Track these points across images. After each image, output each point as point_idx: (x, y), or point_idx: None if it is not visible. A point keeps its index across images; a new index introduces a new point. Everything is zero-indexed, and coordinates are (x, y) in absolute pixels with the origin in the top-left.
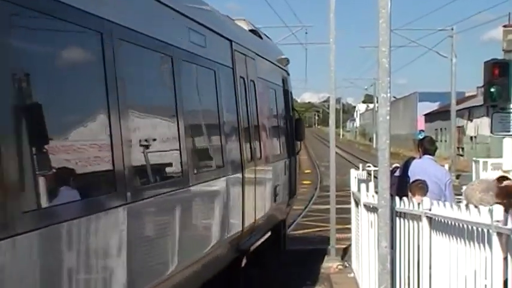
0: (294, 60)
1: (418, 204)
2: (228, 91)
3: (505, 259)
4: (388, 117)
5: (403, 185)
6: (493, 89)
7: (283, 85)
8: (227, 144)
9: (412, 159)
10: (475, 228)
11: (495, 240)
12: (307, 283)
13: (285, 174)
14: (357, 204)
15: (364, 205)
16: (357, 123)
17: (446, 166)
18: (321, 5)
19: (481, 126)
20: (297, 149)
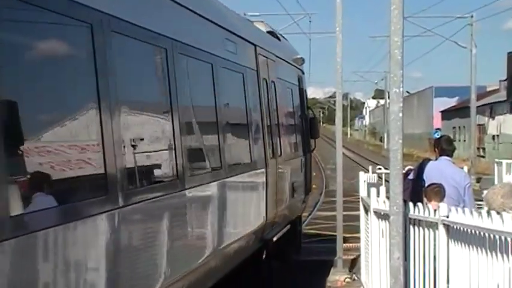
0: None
1: (435, 210)
2: (253, 92)
3: None
4: (400, 114)
5: (417, 190)
6: None
7: (298, 84)
8: (254, 141)
9: (427, 160)
10: (497, 237)
11: None
12: None
13: (301, 172)
14: (367, 211)
15: (375, 212)
16: (366, 121)
17: (465, 168)
18: None
19: (504, 124)
20: (312, 147)
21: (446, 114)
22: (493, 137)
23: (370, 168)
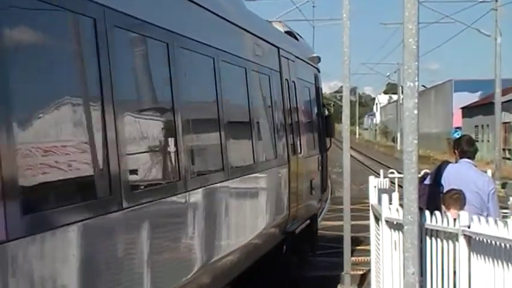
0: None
1: (454, 219)
2: (277, 93)
3: None
4: (416, 111)
5: (434, 196)
6: None
7: (315, 83)
8: (278, 139)
9: (446, 163)
10: None
11: None
12: None
13: (318, 170)
14: (377, 220)
15: (386, 221)
16: (377, 119)
17: (489, 172)
18: None
19: None
20: (328, 146)
21: (468, 111)
22: None
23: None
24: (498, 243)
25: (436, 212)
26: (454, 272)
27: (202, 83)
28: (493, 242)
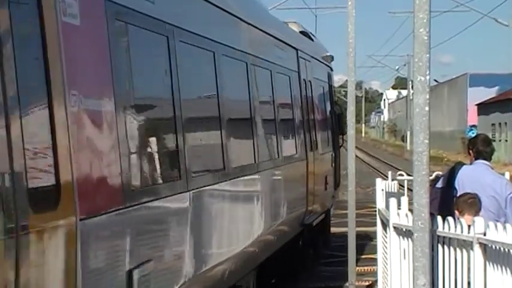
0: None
1: (469, 226)
2: (296, 92)
3: None
4: (427, 108)
5: (447, 201)
6: None
7: (328, 81)
8: (298, 135)
9: (460, 165)
10: None
11: None
12: None
13: (331, 166)
14: (385, 226)
15: (395, 228)
16: (385, 116)
17: (507, 175)
18: None
19: None
20: (340, 143)
21: (484, 107)
22: None
23: (389, 174)
24: None
25: (449, 217)
26: (469, 283)
27: (239, 86)
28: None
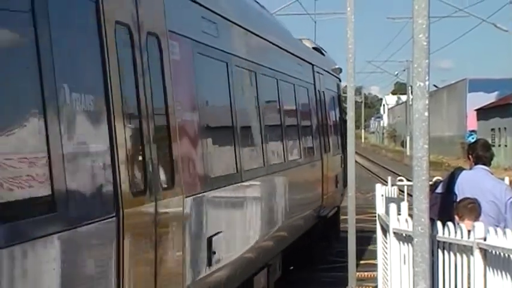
0: (299, 36)
1: (469, 231)
2: (312, 102)
3: None
4: (426, 113)
5: (447, 206)
6: None
7: (337, 91)
8: (315, 139)
9: (459, 170)
10: None
11: None
12: None
13: (341, 167)
14: (385, 231)
15: (395, 233)
16: (384, 121)
17: (506, 180)
18: None
19: None
20: None
21: (483, 113)
22: None
23: (389, 179)
24: None
25: (449, 223)
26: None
27: (272, 98)
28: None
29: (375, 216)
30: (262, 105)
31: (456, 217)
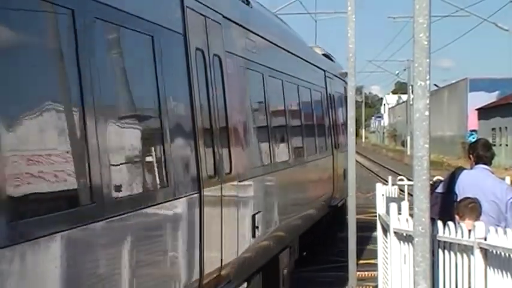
0: (298, 36)
1: (469, 231)
2: (325, 104)
3: None
4: (427, 113)
5: (448, 206)
6: None
7: (344, 93)
8: (327, 137)
9: (460, 170)
10: None
11: None
12: None
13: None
14: (385, 231)
15: (395, 233)
16: (385, 121)
17: (507, 179)
18: None
19: None
20: None
21: (484, 112)
22: None
23: (389, 179)
24: None
25: (450, 222)
26: (469, 287)
27: (295, 102)
28: None
29: (375, 216)
30: (287, 108)
31: (457, 217)
